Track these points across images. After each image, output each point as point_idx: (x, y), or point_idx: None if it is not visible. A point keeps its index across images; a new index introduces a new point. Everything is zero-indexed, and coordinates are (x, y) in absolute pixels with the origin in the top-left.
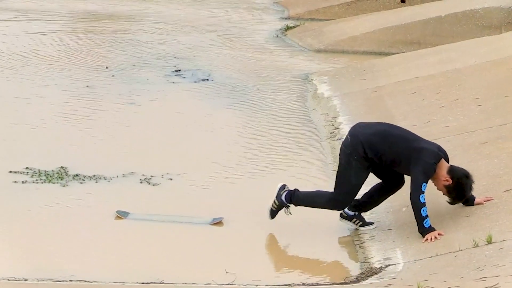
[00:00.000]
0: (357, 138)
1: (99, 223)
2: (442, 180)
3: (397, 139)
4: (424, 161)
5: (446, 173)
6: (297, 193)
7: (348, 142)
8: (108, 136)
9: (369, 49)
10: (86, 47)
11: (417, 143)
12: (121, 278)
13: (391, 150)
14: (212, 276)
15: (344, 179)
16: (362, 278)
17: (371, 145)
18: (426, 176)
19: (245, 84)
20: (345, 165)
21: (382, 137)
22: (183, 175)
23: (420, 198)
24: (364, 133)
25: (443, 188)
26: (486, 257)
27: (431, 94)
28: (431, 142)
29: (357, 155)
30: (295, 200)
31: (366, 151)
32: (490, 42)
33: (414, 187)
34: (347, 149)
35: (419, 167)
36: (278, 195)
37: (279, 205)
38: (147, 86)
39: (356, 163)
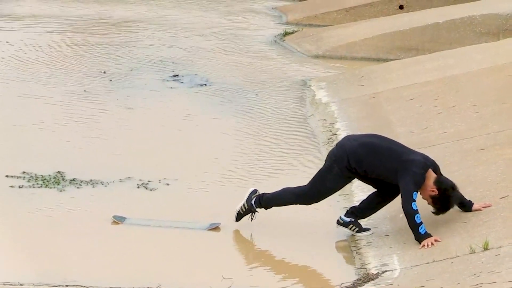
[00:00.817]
0: (343, 148)
1: (96, 228)
2: (428, 190)
3: (385, 151)
4: (412, 171)
5: (433, 183)
6: (265, 195)
7: (334, 151)
8: (105, 140)
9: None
10: (84, 52)
11: (404, 155)
12: (117, 283)
13: (378, 163)
14: (209, 282)
15: (321, 179)
16: (358, 284)
17: (357, 157)
18: (416, 185)
19: (243, 89)
20: (327, 167)
21: (369, 149)
22: (180, 180)
23: (413, 206)
24: (351, 144)
25: (428, 198)
26: (483, 264)
27: (429, 100)
28: (419, 152)
29: (340, 163)
30: (264, 202)
31: (350, 162)
32: (488, 49)
33: (405, 196)
34: (332, 156)
35: (409, 177)
36: (249, 199)
37: (248, 209)
38: (145, 91)
39: (337, 170)
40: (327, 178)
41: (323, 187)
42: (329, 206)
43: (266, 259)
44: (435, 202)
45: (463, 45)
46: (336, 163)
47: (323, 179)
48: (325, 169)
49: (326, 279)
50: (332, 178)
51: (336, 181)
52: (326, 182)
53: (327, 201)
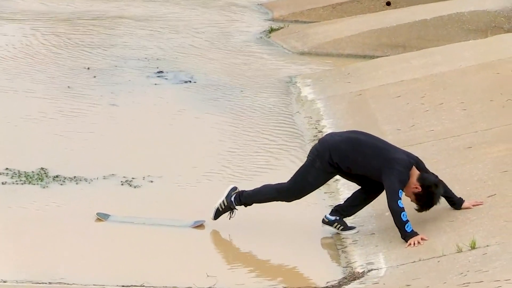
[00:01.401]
0: (325, 143)
1: (79, 225)
2: (412, 187)
3: (368, 148)
4: (397, 170)
5: (416, 180)
6: (245, 192)
7: (317, 146)
8: (89, 137)
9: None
10: (67, 48)
11: (387, 152)
12: (101, 281)
13: (360, 159)
14: (193, 280)
15: (302, 174)
16: (344, 283)
17: (339, 152)
18: (401, 183)
19: (228, 86)
20: (309, 162)
21: (352, 144)
22: (164, 178)
23: (398, 203)
24: (334, 140)
25: (411, 195)
26: (470, 263)
27: (416, 98)
28: (402, 150)
29: (322, 159)
30: (244, 199)
31: (332, 157)
32: (476, 46)
33: (390, 194)
34: (315, 151)
35: (393, 176)
36: (228, 196)
37: (227, 207)
38: (129, 87)
39: (319, 165)
40: (309, 173)
41: (304, 182)
42: (314, 204)
43: (251, 257)
44: (419, 199)
45: (451, 42)
46: (319, 157)
47: (305, 174)
48: (307, 164)
49: (311, 277)
50: (314, 173)
51: (318, 176)
52: (308, 177)
53: (312, 198)
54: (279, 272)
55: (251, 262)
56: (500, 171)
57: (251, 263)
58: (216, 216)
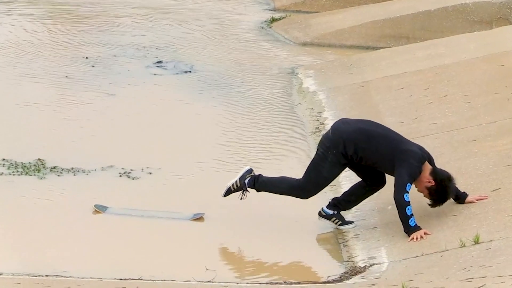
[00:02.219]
0: (339, 133)
1: (76, 217)
2: (425, 182)
3: (381, 139)
4: (409, 163)
5: (429, 174)
6: (261, 178)
7: (329, 136)
8: (87, 128)
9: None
10: (65, 36)
11: (401, 144)
12: (98, 274)
13: (374, 150)
14: (192, 273)
15: (316, 169)
16: (345, 277)
17: (353, 143)
18: (412, 177)
19: (229, 77)
20: (321, 156)
21: (366, 135)
22: (163, 169)
23: (405, 197)
24: (347, 130)
25: (424, 190)
26: (473, 258)
27: (419, 90)
28: (414, 143)
29: (335, 150)
30: (258, 185)
31: (346, 148)
32: (481, 38)
33: (398, 186)
34: (326, 142)
35: (405, 169)
36: (242, 177)
37: (239, 187)
38: (128, 77)
39: (332, 157)
40: (323, 166)
41: (319, 177)
42: (316, 197)
43: (251, 251)
44: (432, 194)
45: (455, 34)
46: (330, 149)
47: (319, 169)
48: (320, 158)
49: (312, 272)
50: (328, 166)
51: (332, 168)
52: (322, 171)
53: None
54: (279, 266)
55: (251, 256)
56: (505, 164)
57: (250, 256)
58: (226, 193)
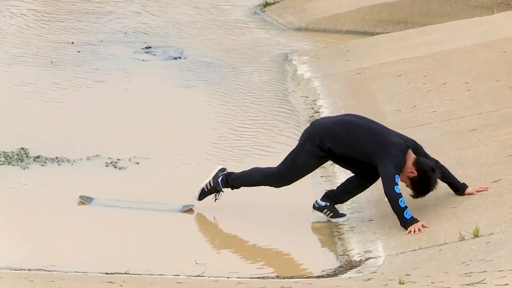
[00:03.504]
0: (317, 125)
1: (61, 208)
2: (407, 172)
3: (362, 131)
4: (392, 154)
5: (412, 164)
6: (233, 174)
7: (308, 128)
8: (72, 116)
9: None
10: (51, 20)
11: (383, 135)
12: (83, 268)
13: (354, 142)
14: (181, 267)
15: (292, 157)
16: (340, 272)
17: (332, 135)
18: (398, 168)
19: (220, 63)
20: (300, 146)
21: (345, 127)
22: (151, 159)
23: (395, 189)
24: (326, 122)
25: (406, 180)
26: (473, 251)
27: (418, 77)
28: (397, 133)
29: (312, 141)
30: (231, 181)
31: (323, 141)
32: (482, 23)
33: (386, 180)
34: (306, 133)
35: (389, 160)
36: (216, 177)
37: (213, 188)
38: (115, 63)
39: (310, 148)
40: (299, 156)
41: (294, 167)
42: (311, 188)
43: (242, 244)
44: (414, 184)
45: (455, 19)
46: (309, 140)
47: (295, 158)
48: (297, 147)
49: (306, 266)
50: (304, 157)
51: (309, 160)
52: (298, 160)
53: (308, 183)
54: (272, 260)
55: (242, 250)
56: (506, 155)
57: (242, 250)
58: (200, 196)
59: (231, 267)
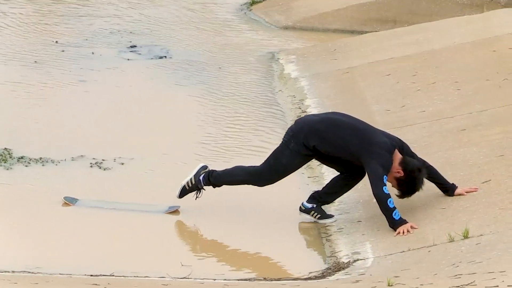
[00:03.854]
0: (301, 124)
1: (45, 210)
2: (394, 172)
3: (347, 129)
4: (378, 154)
5: (398, 164)
6: (215, 172)
7: (292, 126)
8: (56, 116)
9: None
10: (35, 19)
11: (369, 134)
12: (68, 270)
13: (339, 141)
14: (167, 269)
15: (276, 155)
16: (328, 274)
17: (316, 133)
18: (385, 168)
19: (206, 63)
20: (284, 144)
21: (330, 125)
22: (136, 160)
23: (384, 190)
24: (311, 120)
25: (393, 180)
26: (462, 253)
27: (407, 76)
28: (384, 132)
29: (297, 139)
30: (213, 179)
31: (308, 138)
32: (471, 22)
33: (374, 181)
34: (290, 131)
35: (375, 160)
36: (197, 174)
37: (194, 186)
38: (100, 62)
39: (294, 146)
40: (283, 154)
41: (278, 165)
42: (298, 189)
43: (229, 246)
44: (400, 184)
45: (444, 17)
46: (293, 138)
47: (279, 156)
48: (282, 145)
49: (293, 268)
50: (288, 155)
51: (293, 158)
52: (282, 158)
53: (295, 183)
54: (259, 262)
55: (229, 251)
56: (496, 155)
57: (228, 252)
58: (181, 194)
59: (218, 269)
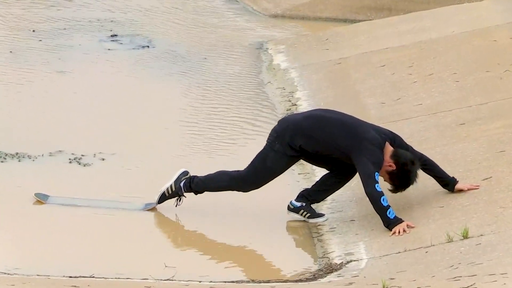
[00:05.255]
0: (285, 124)
1: (22, 208)
2: (385, 166)
3: (334, 126)
4: (369, 150)
5: (389, 157)
6: (196, 178)
7: (276, 127)
8: (33, 109)
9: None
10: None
11: (357, 129)
12: (46, 271)
13: (327, 139)
14: (149, 271)
15: (261, 158)
16: (320, 275)
17: (302, 132)
18: (376, 165)
19: (191, 53)
20: (268, 146)
21: (316, 122)
22: (118, 155)
23: (376, 188)
24: (295, 119)
25: (385, 174)
26: (462, 254)
27: (402, 67)
28: (373, 126)
29: (282, 140)
30: (195, 186)
31: (293, 138)
32: (471, 10)
33: (365, 178)
34: (273, 132)
35: (366, 157)
36: (178, 180)
37: (174, 192)
38: (79, 53)
39: (279, 147)
40: (268, 157)
41: (263, 168)
42: (287, 185)
43: (215, 246)
44: (393, 178)
45: (442, 5)
46: (278, 139)
47: (264, 159)
48: (266, 147)
49: (282, 269)
50: (273, 157)
51: (278, 160)
52: (267, 161)
53: (285, 180)
54: (247, 263)
55: (215, 252)
56: (497, 151)
57: (215, 252)
58: (160, 200)
59: (203, 271)
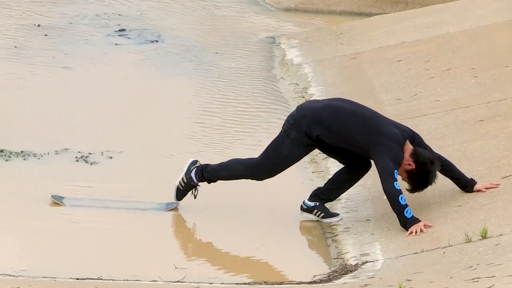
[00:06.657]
0: (303, 111)
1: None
2: (404, 164)
3: (353, 118)
4: (389, 147)
5: (409, 156)
6: (209, 167)
7: (293, 113)
8: (39, 105)
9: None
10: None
11: (377, 124)
12: (52, 273)
13: (344, 131)
14: (159, 272)
15: (276, 146)
16: (334, 277)
17: (320, 122)
18: (396, 162)
19: (201, 48)
20: (284, 133)
21: (334, 112)
22: (126, 153)
23: (395, 185)
24: (313, 107)
25: (403, 173)
26: (480, 254)
27: (419, 62)
28: (393, 122)
29: (299, 128)
30: (207, 174)
31: (310, 127)
32: (489, 3)
33: (385, 176)
34: (290, 119)
35: (385, 153)
36: (188, 171)
37: (187, 184)
38: (86, 47)
39: (295, 135)
40: (284, 145)
41: (278, 157)
42: (301, 184)
43: (227, 247)
44: (411, 178)
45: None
46: (295, 127)
47: (279, 147)
48: (281, 135)
49: (296, 271)
50: (289, 145)
51: (294, 149)
52: (282, 150)
53: (299, 179)
54: (259, 265)
55: (226, 253)
56: None
57: (226, 254)
58: (178, 196)
59: (214, 272)
